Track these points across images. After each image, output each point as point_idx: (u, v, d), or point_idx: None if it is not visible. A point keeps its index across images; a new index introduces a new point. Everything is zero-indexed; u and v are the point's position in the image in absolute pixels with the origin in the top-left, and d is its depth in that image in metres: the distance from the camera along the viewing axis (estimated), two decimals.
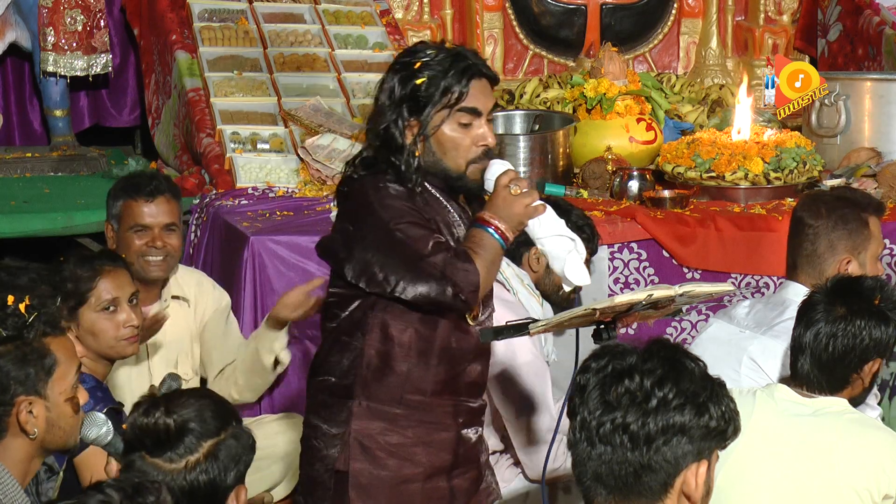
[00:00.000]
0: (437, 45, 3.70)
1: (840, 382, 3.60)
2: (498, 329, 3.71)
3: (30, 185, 7.02)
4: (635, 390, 2.42)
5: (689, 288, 3.49)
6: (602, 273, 5.54)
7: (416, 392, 3.71)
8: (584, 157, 6.31)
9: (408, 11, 7.61)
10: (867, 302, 3.60)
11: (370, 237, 3.61)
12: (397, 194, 3.62)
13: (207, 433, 2.89)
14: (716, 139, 6.06)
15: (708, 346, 4.18)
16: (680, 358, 2.46)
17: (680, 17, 7.92)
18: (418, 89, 3.61)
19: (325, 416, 3.75)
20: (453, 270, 3.53)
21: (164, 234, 4.76)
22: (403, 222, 3.57)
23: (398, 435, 3.72)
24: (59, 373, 3.19)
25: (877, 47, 7.14)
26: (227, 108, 6.53)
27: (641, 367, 2.44)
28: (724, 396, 2.46)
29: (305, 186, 6.09)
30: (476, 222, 3.63)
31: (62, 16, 7.24)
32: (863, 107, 6.30)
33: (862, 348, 3.58)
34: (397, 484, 3.73)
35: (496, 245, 3.60)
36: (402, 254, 3.57)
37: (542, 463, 4.60)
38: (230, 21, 7.09)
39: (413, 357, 3.69)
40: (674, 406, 2.41)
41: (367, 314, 3.68)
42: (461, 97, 3.62)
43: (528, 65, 7.79)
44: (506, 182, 3.62)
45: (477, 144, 3.66)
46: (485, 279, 3.59)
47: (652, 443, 2.41)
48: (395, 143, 3.63)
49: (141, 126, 7.88)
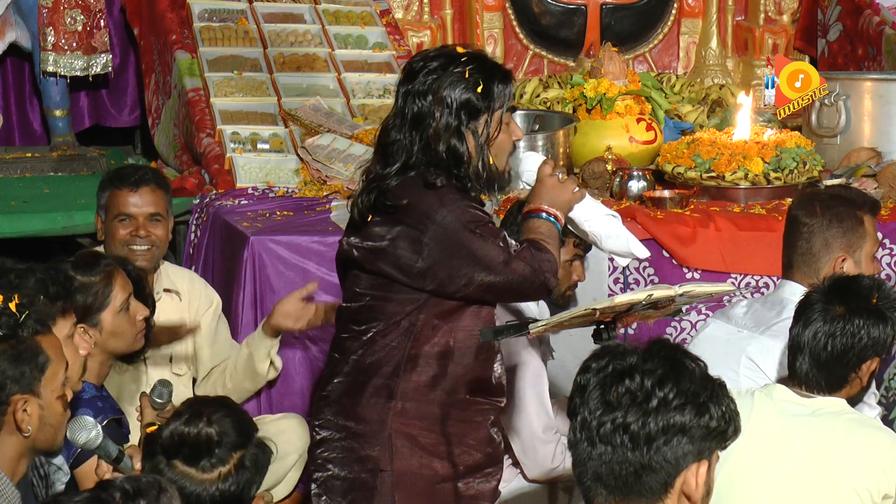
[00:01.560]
0: (454, 52, 3.80)
1: (839, 381, 3.60)
2: (498, 329, 3.72)
3: (30, 185, 7.02)
4: (636, 390, 2.41)
5: (689, 288, 3.50)
6: (602, 273, 5.54)
7: (455, 392, 3.78)
8: (584, 157, 6.31)
9: (408, 11, 7.61)
10: (865, 301, 3.60)
11: (450, 239, 3.70)
12: (467, 198, 3.76)
13: (237, 444, 2.97)
14: (716, 139, 6.06)
15: (706, 346, 4.17)
16: (680, 358, 2.46)
17: (680, 17, 7.92)
18: (477, 97, 3.72)
19: (360, 418, 3.79)
20: (540, 261, 3.73)
21: (148, 223, 4.79)
22: (482, 223, 3.73)
23: (436, 434, 3.78)
24: (50, 371, 3.20)
25: (877, 47, 7.14)
26: (227, 108, 6.53)
27: (642, 367, 2.43)
28: (725, 397, 2.46)
29: (305, 186, 6.09)
30: (532, 213, 3.84)
31: (62, 16, 7.23)
32: (863, 107, 6.30)
33: (860, 347, 3.58)
34: (436, 483, 3.79)
35: (556, 231, 3.84)
36: (488, 252, 3.71)
37: (541, 463, 4.61)
38: (230, 21, 7.09)
39: (455, 359, 3.77)
40: (674, 406, 2.41)
41: (410, 318, 3.76)
42: (512, 98, 3.78)
43: (528, 65, 7.79)
44: (549, 171, 3.85)
45: (513, 139, 3.83)
46: (559, 263, 3.83)
47: (652, 443, 2.40)
48: (459, 155, 3.74)
49: (141, 126, 7.88)
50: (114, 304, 4.12)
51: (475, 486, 3.84)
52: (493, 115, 3.74)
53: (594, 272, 5.47)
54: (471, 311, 3.80)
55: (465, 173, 3.73)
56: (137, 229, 4.77)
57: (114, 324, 4.12)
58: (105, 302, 4.11)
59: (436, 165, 3.73)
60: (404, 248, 3.73)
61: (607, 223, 3.93)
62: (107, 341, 4.11)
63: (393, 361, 3.76)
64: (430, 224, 3.71)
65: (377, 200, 3.78)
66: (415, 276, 3.73)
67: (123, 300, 4.14)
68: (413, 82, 3.75)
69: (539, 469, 4.63)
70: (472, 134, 3.73)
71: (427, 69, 3.74)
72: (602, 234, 3.91)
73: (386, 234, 3.77)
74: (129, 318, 4.15)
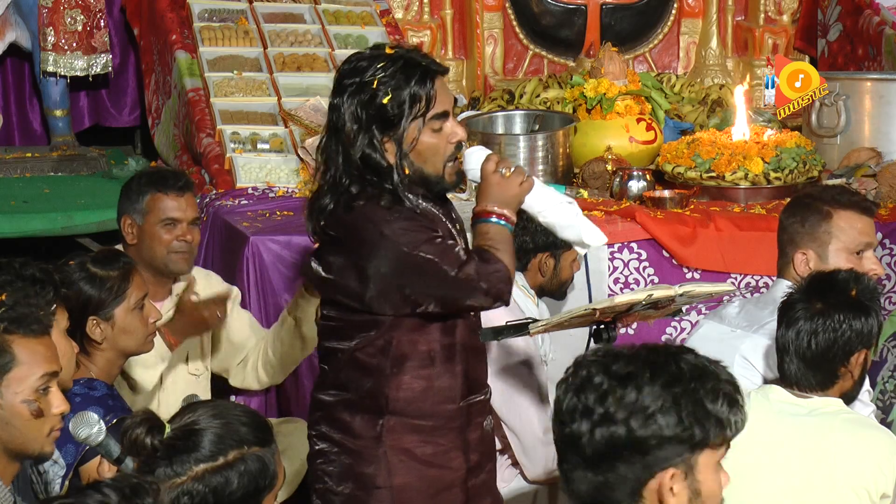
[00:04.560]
0: (378, 55, 3.61)
1: (829, 377, 3.59)
2: (498, 329, 3.72)
3: (30, 185, 7.03)
4: (584, 402, 2.40)
5: (689, 288, 3.50)
6: (602, 273, 5.54)
7: (447, 401, 3.71)
8: (584, 157, 6.31)
9: (408, 11, 7.61)
10: (843, 294, 3.59)
11: (391, 265, 3.57)
12: (403, 216, 3.58)
13: (204, 458, 2.77)
14: (716, 139, 6.06)
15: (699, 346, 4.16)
16: (637, 368, 2.41)
17: (680, 17, 7.92)
18: (385, 108, 3.54)
19: (354, 434, 3.72)
20: (487, 276, 3.54)
21: (191, 228, 4.82)
22: (423, 242, 3.55)
23: (433, 445, 3.71)
24: (16, 372, 3.15)
25: (877, 47, 7.14)
26: (227, 108, 6.53)
27: (593, 380, 2.40)
28: (694, 402, 2.41)
29: (305, 186, 6.09)
30: (479, 217, 3.62)
31: (62, 16, 7.24)
32: (863, 107, 6.30)
33: (844, 341, 3.56)
34: (441, 491, 3.74)
35: (506, 232, 3.61)
36: (433, 273, 3.55)
37: (541, 464, 4.61)
38: (230, 21, 7.09)
39: (440, 367, 3.69)
40: (618, 419, 2.38)
41: (385, 337, 3.66)
42: (430, 103, 3.56)
43: (528, 65, 7.78)
44: (493, 168, 3.59)
45: (450, 142, 3.62)
46: (511, 269, 3.60)
47: (602, 461, 2.40)
48: (378, 167, 3.57)
49: (141, 126, 7.89)
50: (128, 301, 4.14)
51: (480, 481, 3.82)
52: (410, 122, 3.55)
53: (594, 272, 5.47)
54: (449, 321, 3.69)
55: (394, 183, 3.56)
56: (184, 234, 4.79)
57: (126, 321, 4.13)
58: (120, 298, 4.13)
59: (359, 178, 3.58)
60: (351, 279, 3.63)
61: (561, 212, 3.64)
62: (117, 337, 4.12)
63: (378, 377, 3.67)
64: (371, 253, 3.58)
65: (321, 229, 3.68)
66: (368, 304, 3.62)
67: (138, 299, 4.16)
68: (335, 93, 3.62)
69: (539, 470, 4.63)
70: (393, 143, 3.56)
71: (345, 79, 3.60)
72: (557, 225, 3.64)
73: (333, 263, 3.66)
74: (141, 317, 4.16)
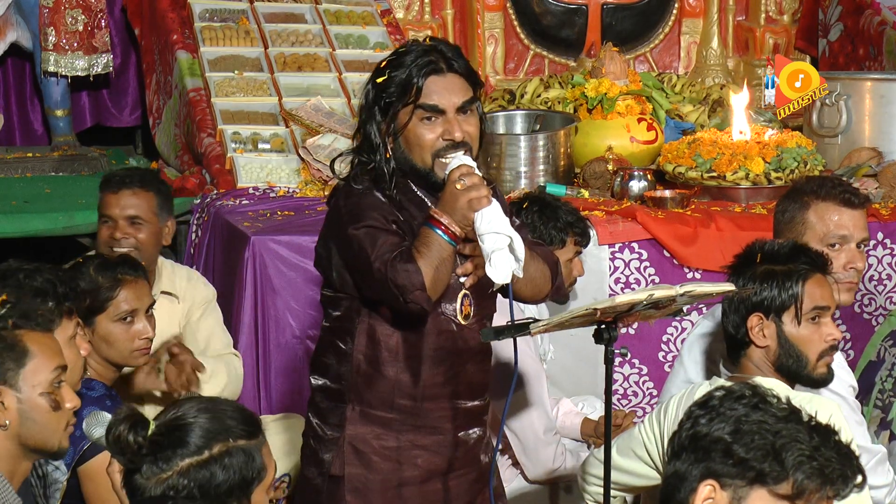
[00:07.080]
0: (420, 43, 3.68)
1: (732, 344, 3.68)
2: (499, 329, 3.70)
3: (31, 184, 7.03)
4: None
5: (689, 288, 3.49)
6: (603, 273, 5.55)
7: (407, 397, 3.68)
8: (585, 156, 6.31)
9: (409, 11, 7.62)
10: (748, 263, 3.70)
11: (338, 245, 3.62)
12: (365, 198, 3.59)
13: (189, 453, 2.75)
14: (717, 139, 6.06)
15: (697, 346, 4.18)
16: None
17: (681, 16, 7.92)
18: (383, 88, 3.61)
19: (322, 419, 3.75)
20: (394, 273, 3.46)
21: (127, 226, 4.80)
22: (361, 227, 3.54)
23: (393, 439, 3.69)
24: (32, 366, 3.17)
25: (878, 47, 7.15)
26: (228, 107, 6.54)
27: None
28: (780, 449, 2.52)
29: (306, 186, 6.10)
30: (425, 220, 3.56)
31: (63, 16, 7.24)
32: (864, 107, 6.30)
33: (735, 306, 3.65)
34: (393, 487, 3.71)
35: (442, 242, 3.50)
36: (358, 260, 3.55)
37: (542, 464, 4.62)
38: (231, 21, 7.09)
39: (401, 362, 3.66)
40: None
41: (355, 319, 3.67)
42: (419, 94, 3.58)
43: (529, 65, 7.79)
44: (456, 177, 3.53)
45: (443, 138, 3.60)
46: (433, 278, 3.48)
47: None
48: (371, 144, 3.63)
49: (142, 126, 7.90)
50: (113, 310, 4.11)
51: (443, 486, 3.75)
52: (401, 107, 3.58)
53: (595, 272, 5.48)
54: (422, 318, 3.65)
55: (377, 162, 3.61)
56: (114, 231, 4.80)
57: (107, 330, 4.10)
58: (104, 305, 4.10)
59: (358, 154, 3.67)
60: (321, 247, 3.71)
61: (490, 241, 3.46)
62: (98, 345, 4.09)
63: (344, 365, 3.68)
64: (327, 223, 3.68)
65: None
66: (337, 285, 3.67)
67: (125, 311, 4.12)
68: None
69: (540, 470, 4.63)
70: (388, 124, 3.61)
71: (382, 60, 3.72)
72: (483, 251, 3.47)
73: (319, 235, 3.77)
74: (126, 331, 4.12)
